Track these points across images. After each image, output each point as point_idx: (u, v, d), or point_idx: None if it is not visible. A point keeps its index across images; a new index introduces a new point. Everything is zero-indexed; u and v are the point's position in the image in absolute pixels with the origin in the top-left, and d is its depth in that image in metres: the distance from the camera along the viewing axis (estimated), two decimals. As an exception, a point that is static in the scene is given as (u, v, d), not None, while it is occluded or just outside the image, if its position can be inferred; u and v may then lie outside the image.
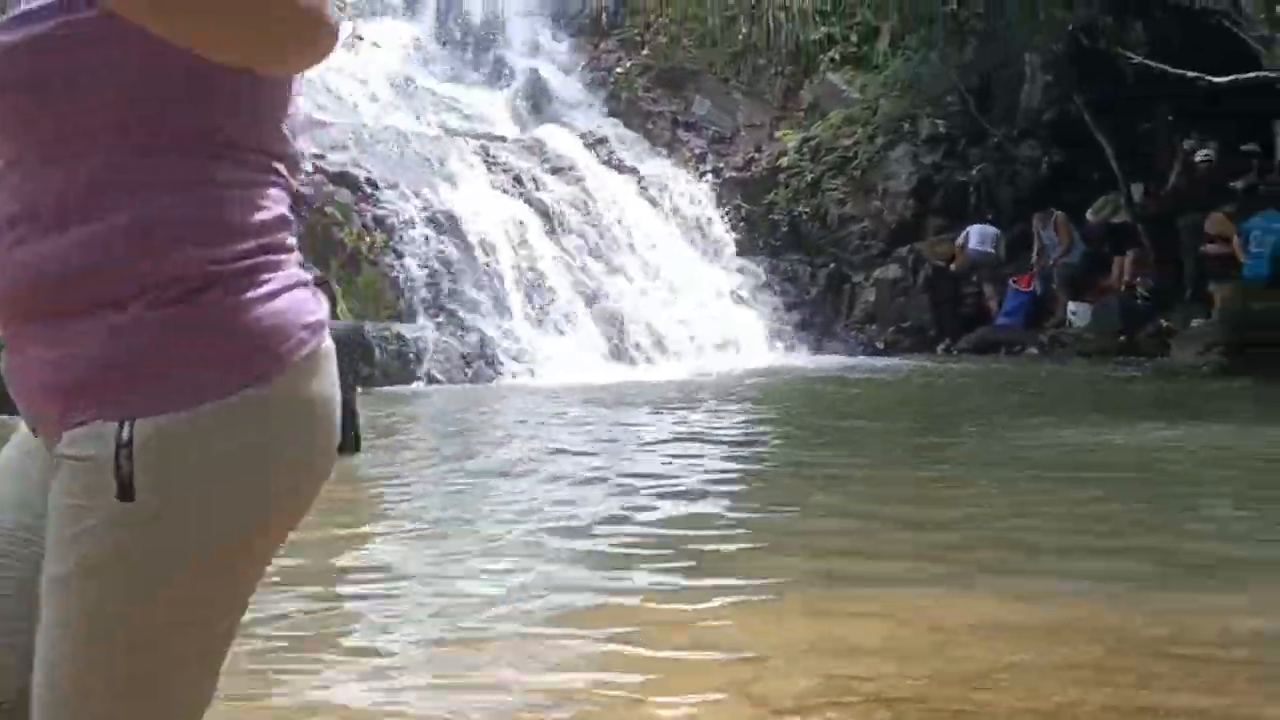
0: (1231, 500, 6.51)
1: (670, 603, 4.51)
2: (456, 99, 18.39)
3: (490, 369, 13.37)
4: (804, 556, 5.28)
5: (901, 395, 12.28)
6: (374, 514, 6.37)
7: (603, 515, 6.11)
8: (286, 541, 1.45)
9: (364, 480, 7.19)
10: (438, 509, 6.40)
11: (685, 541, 5.47)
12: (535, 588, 4.68)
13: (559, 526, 5.76)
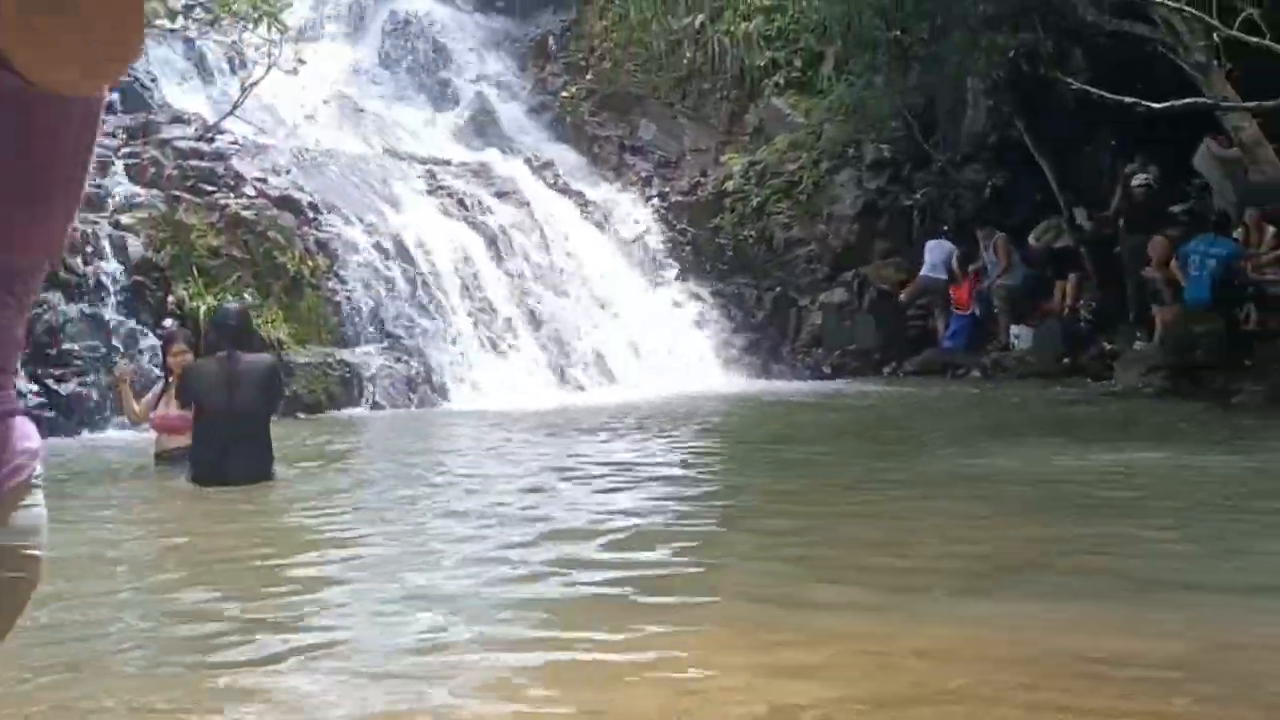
0: (1173, 522, 6.50)
1: (611, 630, 4.42)
2: (401, 122, 18.30)
3: (435, 394, 13.26)
4: (747, 584, 5.22)
5: (846, 420, 12.25)
6: (296, 542, 6.24)
7: (540, 541, 6.02)
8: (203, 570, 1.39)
9: (266, 509, 7.12)
10: (354, 540, 6.25)
11: (625, 567, 5.39)
12: (468, 616, 4.57)
13: (491, 557, 5.63)
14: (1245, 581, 5.19)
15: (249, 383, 7.80)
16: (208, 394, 7.81)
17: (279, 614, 4.61)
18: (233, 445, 7.73)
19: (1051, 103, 15.44)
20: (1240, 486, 7.60)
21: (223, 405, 7.75)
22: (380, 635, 4.35)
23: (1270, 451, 8.97)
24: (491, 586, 4.96)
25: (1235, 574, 5.32)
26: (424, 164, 16.29)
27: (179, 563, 5.85)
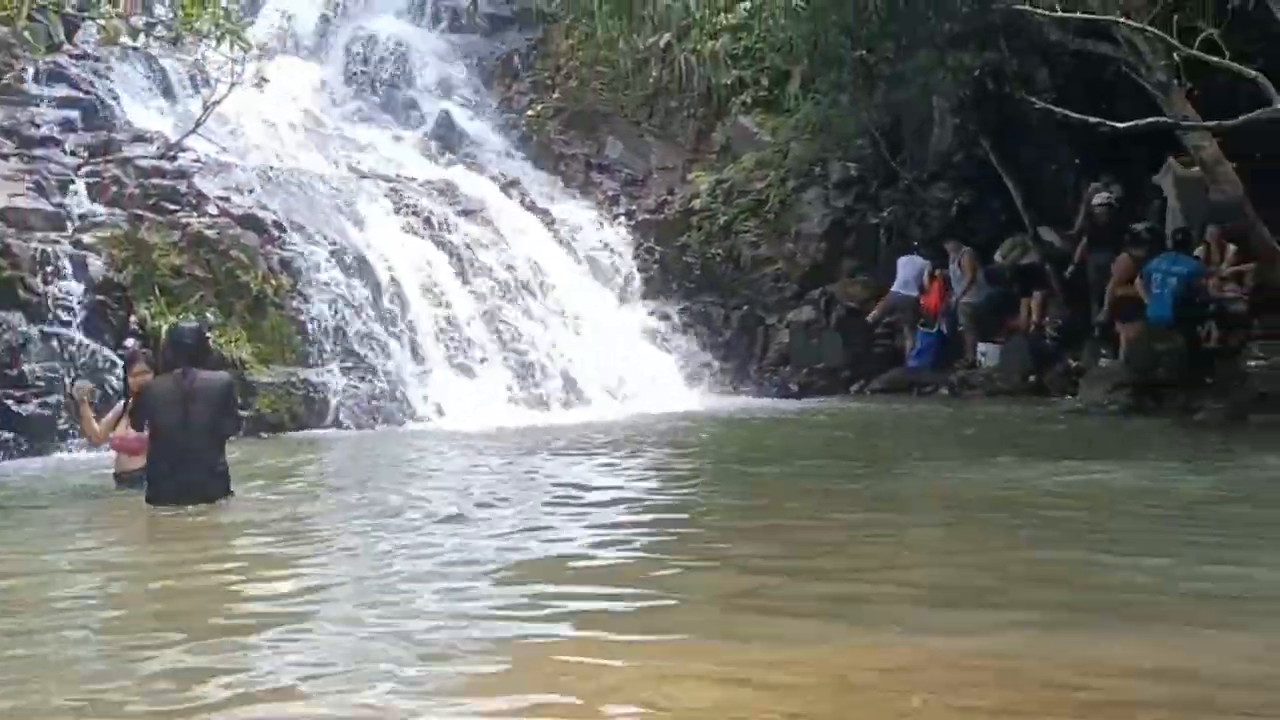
0: (1133, 542, 6.51)
1: (572, 655, 4.37)
2: (366, 140, 18.23)
3: (400, 413, 13.18)
4: (712, 605, 5.19)
5: (812, 439, 12.24)
6: (254, 570, 6.15)
7: (502, 569, 5.95)
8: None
9: (224, 534, 7.07)
10: (311, 568, 6.16)
11: (587, 596, 5.33)
12: (430, 654, 4.49)
13: (456, 589, 5.53)
14: (1205, 602, 5.20)
15: (204, 400, 7.77)
16: (162, 412, 7.77)
17: (232, 652, 4.49)
18: (188, 463, 7.71)
19: (1016, 122, 15.52)
20: (1200, 506, 7.62)
21: (177, 423, 7.71)
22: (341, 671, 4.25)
23: (1229, 470, 9.02)
24: (456, 621, 4.86)
25: (1195, 594, 5.32)
26: (389, 182, 16.21)
27: (129, 595, 5.75)
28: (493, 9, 20.74)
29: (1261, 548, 6.25)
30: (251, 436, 11.80)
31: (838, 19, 14.66)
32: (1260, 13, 10.90)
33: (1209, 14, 11.93)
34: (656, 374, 15.68)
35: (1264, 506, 7.51)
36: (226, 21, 11.91)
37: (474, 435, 12.07)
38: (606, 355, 15.28)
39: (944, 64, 15.98)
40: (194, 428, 7.72)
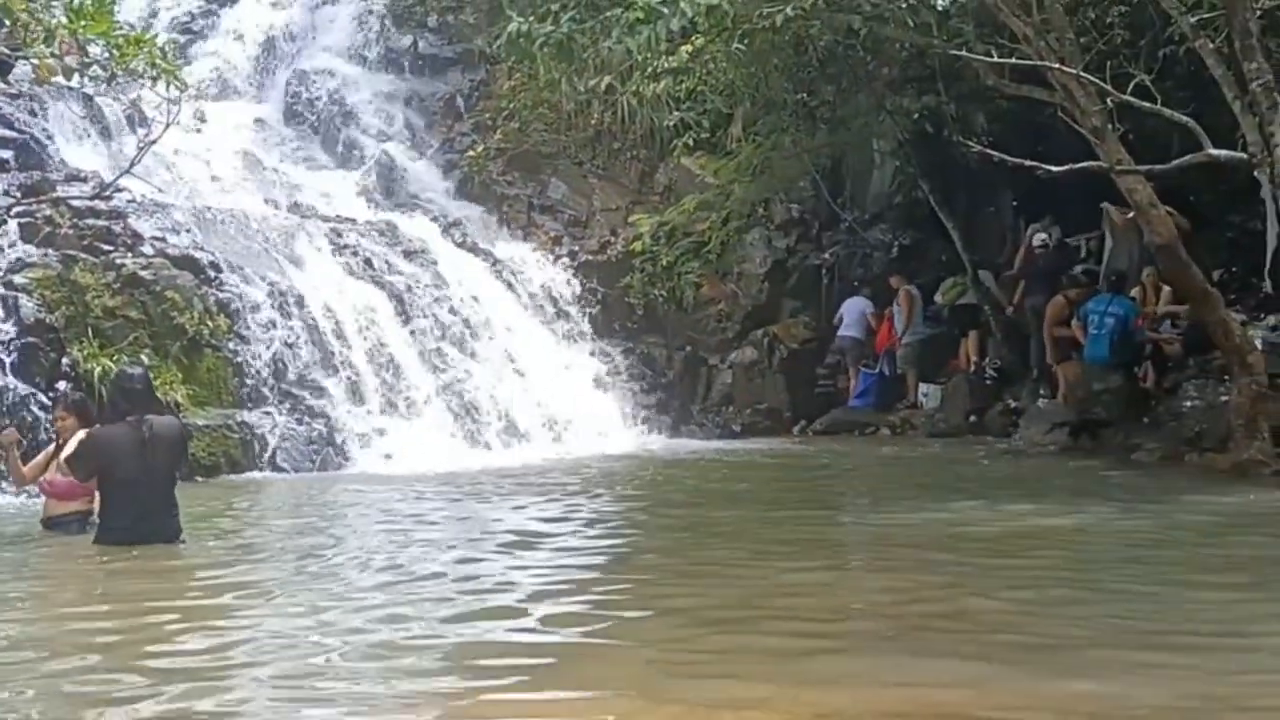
0: (1068, 582, 6.52)
1: (518, 714, 4.29)
2: (305, 181, 18.11)
3: (339, 456, 13.01)
4: (644, 653, 5.13)
5: (754, 481, 12.22)
6: (191, 617, 6.02)
7: (433, 618, 5.85)
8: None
9: (161, 579, 6.95)
10: (249, 618, 6.04)
11: (534, 649, 5.23)
12: (351, 702, 4.40)
13: (389, 640, 5.43)
14: (1138, 641, 5.22)
15: (164, 446, 7.76)
16: (121, 461, 7.64)
17: (169, 703, 4.37)
18: (150, 510, 7.68)
19: (955, 164, 15.71)
20: (1135, 546, 7.68)
21: (139, 471, 7.64)
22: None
23: (1164, 511, 9.08)
24: (391, 679, 4.74)
25: (1127, 633, 5.34)
26: (329, 222, 16.09)
27: (63, 643, 5.60)
28: (435, 50, 20.74)
29: (1193, 588, 6.30)
30: (185, 481, 11.60)
31: (778, 63, 14.77)
32: (1191, 60, 11.09)
33: (1141, 61, 12.16)
34: (598, 415, 15.62)
35: (1194, 547, 7.57)
36: (163, 61, 11.80)
37: (413, 478, 11.92)
38: (548, 396, 15.19)
39: (883, 107, 16.17)
40: (157, 475, 7.70)
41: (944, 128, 15.40)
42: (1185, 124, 10.50)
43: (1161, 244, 11.83)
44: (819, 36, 13.41)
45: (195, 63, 19.62)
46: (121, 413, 7.83)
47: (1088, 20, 13.22)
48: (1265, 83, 9.84)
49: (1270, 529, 8.39)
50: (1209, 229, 14.83)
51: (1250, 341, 11.82)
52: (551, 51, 10.95)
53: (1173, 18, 10.94)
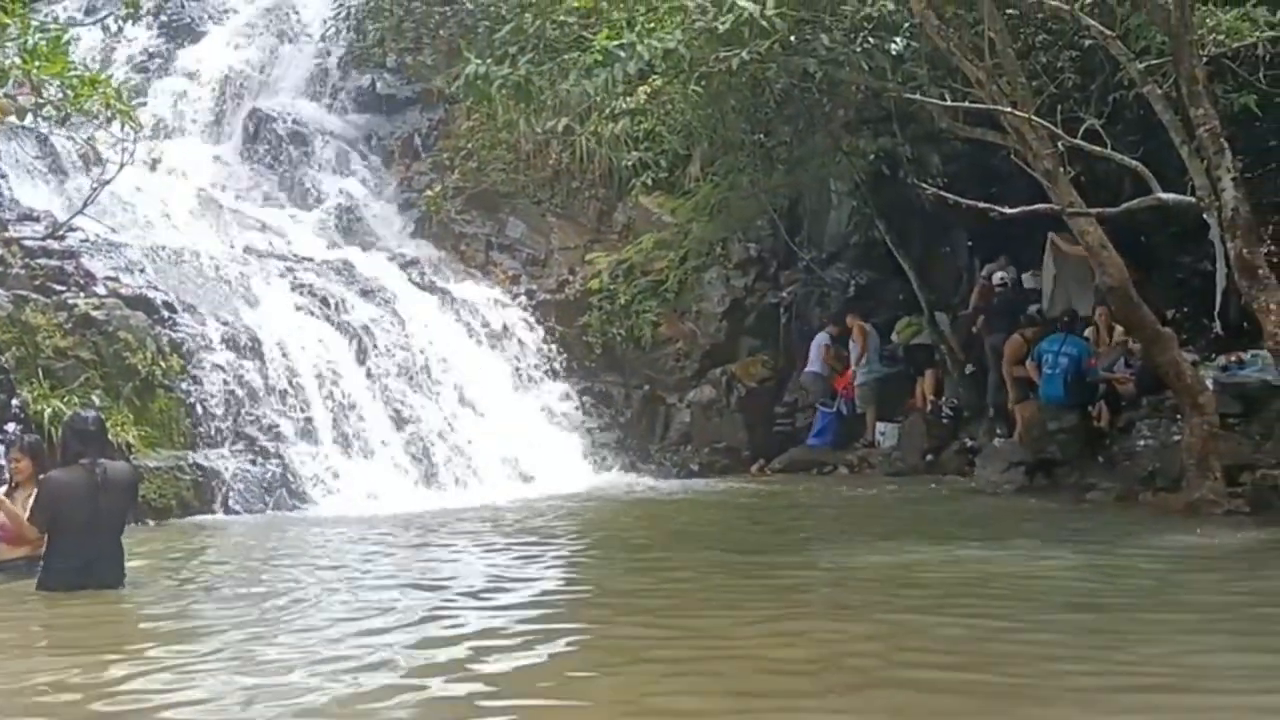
0: (1022, 623, 6.55)
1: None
2: (262, 219, 18.03)
3: (293, 498, 12.88)
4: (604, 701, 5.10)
5: (712, 521, 12.20)
6: (139, 665, 5.93)
7: (383, 667, 5.79)
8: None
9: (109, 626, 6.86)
10: (196, 668, 5.95)
11: (487, 712, 5.17)
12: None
13: (343, 694, 5.38)
14: (1093, 683, 5.24)
15: (117, 491, 7.76)
16: (72, 505, 7.59)
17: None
18: (98, 555, 7.64)
19: (911, 204, 15.82)
20: (1087, 587, 7.72)
21: (88, 516, 7.61)
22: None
23: (1116, 551, 9.15)
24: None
25: (1082, 676, 5.36)
26: (285, 261, 16.02)
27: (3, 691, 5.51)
28: (393, 90, 20.77)
29: (1141, 631, 6.34)
30: (137, 524, 11.49)
31: (735, 104, 14.86)
32: (1140, 105, 11.25)
33: (1092, 105, 12.33)
34: (556, 454, 15.56)
35: (1148, 591, 7.61)
36: (118, 102, 11.79)
37: (369, 519, 11.83)
38: (506, 436, 15.13)
39: (840, 148, 16.28)
40: (106, 519, 7.66)
41: (899, 169, 15.53)
42: (1135, 168, 10.63)
43: (1113, 285, 11.96)
44: (775, 79, 13.49)
45: (152, 101, 19.55)
46: (75, 455, 7.77)
47: (1039, 65, 13.39)
48: (1212, 128, 9.99)
49: (1222, 571, 8.46)
50: (1160, 270, 15.03)
51: (1201, 382, 11.95)
52: (509, 93, 10.98)
53: (1122, 64, 11.09)
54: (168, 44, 21.26)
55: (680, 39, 10.59)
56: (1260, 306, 9.77)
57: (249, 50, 21.20)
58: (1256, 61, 10.95)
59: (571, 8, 11.42)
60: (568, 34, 11.26)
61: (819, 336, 17.19)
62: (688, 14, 10.88)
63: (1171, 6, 10.00)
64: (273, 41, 21.29)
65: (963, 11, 12.85)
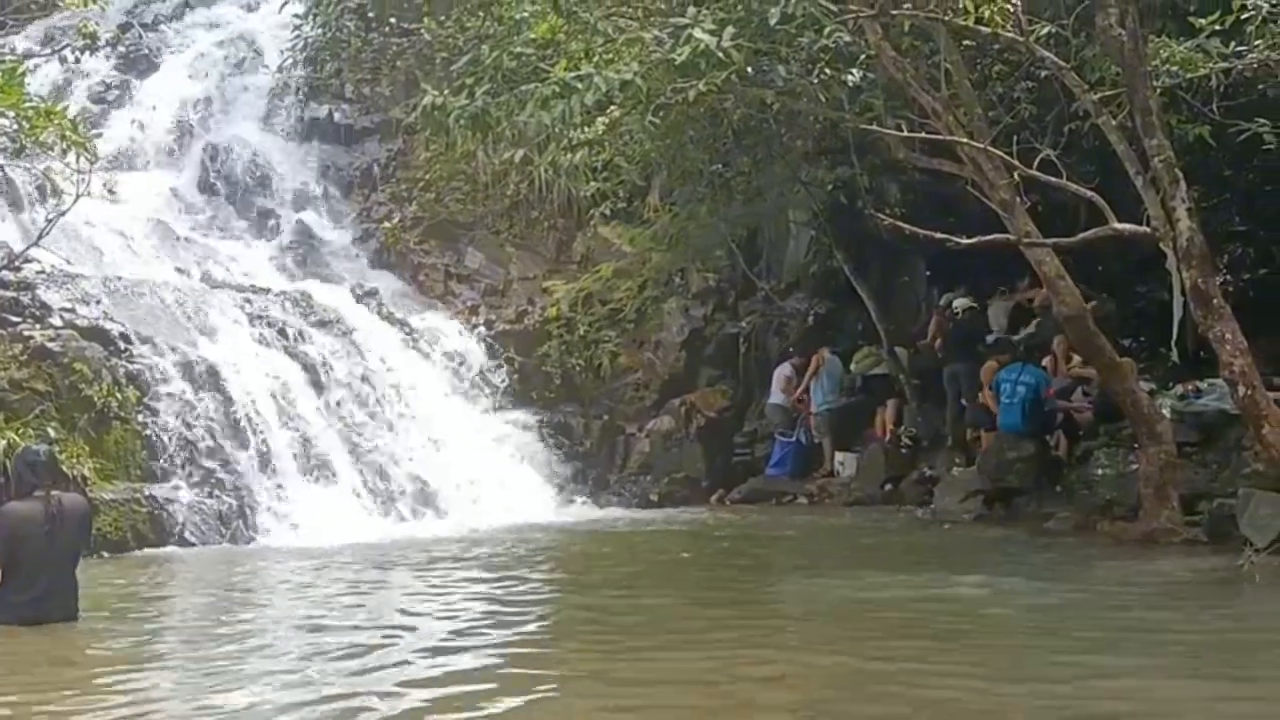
0: (977, 654, 6.54)
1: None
2: (219, 250, 17.91)
3: (249, 530, 12.75)
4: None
5: (670, 552, 12.15)
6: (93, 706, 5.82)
7: (326, 708, 5.68)
8: None
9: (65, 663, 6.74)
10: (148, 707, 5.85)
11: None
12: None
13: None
14: (1053, 715, 5.23)
15: (70, 524, 7.64)
16: (26, 539, 7.46)
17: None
18: (52, 589, 7.52)
19: (869, 234, 15.87)
20: (1044, 618, 7.73)
21: (43, 549, 7.48)
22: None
23: (1073, 581, 9.17)
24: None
25: (1041, 709, 5.35)
26: (242, 292, 15.91)
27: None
28: (351, 120, 20.72)
29: (1097, 656, 6.35)
30: (92, 557, 11.34)
31: (694, 134, 14.91)
32: (1096, 135, 11.36)
33: (1048, 136, 12.44)
34: (515, 485, 15.50)
35: (1093, 625, 7.63)
36: (73, 134, 11.67)
37: (325, 551, 11.71)
38: (465, 467, 15.05)
39: (798, 179, 16.37)
40: (60, 553, 7.55)
41: (857, 199, 15.60)
42: (1090, 198, 10.73)
43: (1070, 315, 12.04)
44: (733, 110, 13.55)
45: (110, 133, 19.39)
46: (30, 488, 7.67)
47: (995, 95, 13.52)
48: (1166, 159, 10.10)
49: (1178, 601, 8.51)
50: (1117, 299, 15.15)
51: (1158, 411, 12.03)
52: (466, 124, 10.94)
53: (1077, 95, 11.21)
54: (125, 75, 21.12)
55: (637, 70, 10.59)
56: (1215, 336, 9.86)
57: (207, 81, 21.09)
58: (1210, 93, 11.08)
59: (529, 39, 11.39)
60: (525, 65, 11.23)
61: (781, 368, 17.21)
62: (645, 46, 10.89)
63: (1125, 38, 10.12)
64: (230, 72, 21.20)
65: (919, 43, 12.97)
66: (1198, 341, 12.13)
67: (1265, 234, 14.44)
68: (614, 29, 11.84)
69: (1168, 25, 11.60)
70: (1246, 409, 9.77)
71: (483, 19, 13.13)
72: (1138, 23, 10.29)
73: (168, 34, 22.36)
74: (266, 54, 21.10)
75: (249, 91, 21.02)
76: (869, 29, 11.61)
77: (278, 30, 19.89)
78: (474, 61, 11.69)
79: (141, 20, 22.43)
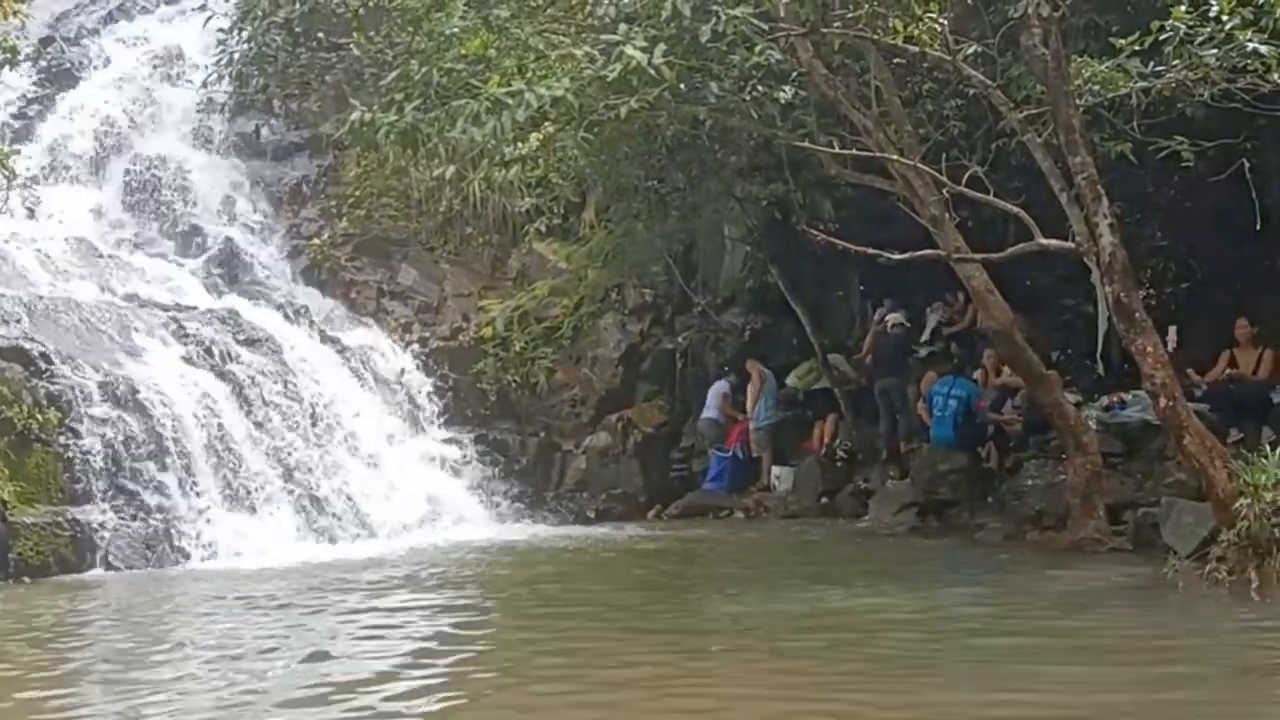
0: (918, 667, 6.56)
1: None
2: (144, 268, 17.62)
3: (175, 553, 12.52)
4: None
5: (607, 568, 12.11)
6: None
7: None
8: None
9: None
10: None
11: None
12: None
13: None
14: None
15: None
16: None
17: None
18: None
19: (804, 249, 15.94)
20: (968, 627, 7.78)
21: None
22: None
23: (1000, 590, 9.27)
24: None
25: None
26: (168, 311, 15.65)
27: None
28: (278, 136, 20.50)
29: (1015, 665, 6.39)
30: (11, 581, 11.14)
31: (628, 150, 14.89)
32: (1023, 152, 11.48)
33: (976, 152, 12.56)
34: (450, 504, 15.36)
35: (1013, 632, 7.68)
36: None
37: (253, 574, 11.53)
38: (398, 486, 14.90)
39: (733, 194, 16.42)
40: None
41: (792, 215, 15.67)
42: (1016, 214, 10.84)
43: (998, 329, 12.17)
44: (666, 127, 13.56)
45: (31, 148, 19.05)
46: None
47: (925, 113, 13.63)
48: (1089, 175, 10.22)
49: (1099, 608, 8.64)
50: (1045, 313, 15.32)
51: (1084, 422, 12.18)
52: (396, 140, 10.86)
53: (1003, 113, 11.32)
54: (47, 90, 20.78)
55: (569, 87, 10.58)
56: (1137, 348, 9.98)
57: (131, 96, 20.77)
58: (1131, 111, 11.24)
59: (460, 55, 11.34)
60: (457, 81, 11.18)
61: (718, 384, 17.19)
62: (577, 62, 10.88)
63: (1049, 58, 10.23)
64: (155, 87, 20.90)
65: (850, 61, 13.05)
66: (1123, 354, 12.29)
67: (1186, 249, 14.66)
68: (546, 45, 11.83)
69: (1090, 45, 11.74)
70: (1168, 420, 9.91)
71: (413, 34, 13.06)
72: (1060, 43, 10.42)
73: (91, 48, 22.02)
74: (193, 68, 20.85)
75: (175, 106, 20.73)
76: (800, 47, 11.66)
77: (204, 44, 19.69)
78: (403, 77, 11.63)
79: (64, 34, 22.09)
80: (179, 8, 23.32)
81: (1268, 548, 8.90)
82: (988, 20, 11.72)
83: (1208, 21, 10.07)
